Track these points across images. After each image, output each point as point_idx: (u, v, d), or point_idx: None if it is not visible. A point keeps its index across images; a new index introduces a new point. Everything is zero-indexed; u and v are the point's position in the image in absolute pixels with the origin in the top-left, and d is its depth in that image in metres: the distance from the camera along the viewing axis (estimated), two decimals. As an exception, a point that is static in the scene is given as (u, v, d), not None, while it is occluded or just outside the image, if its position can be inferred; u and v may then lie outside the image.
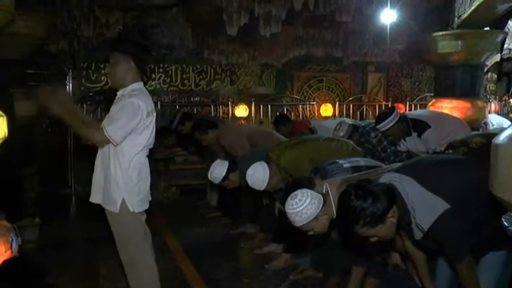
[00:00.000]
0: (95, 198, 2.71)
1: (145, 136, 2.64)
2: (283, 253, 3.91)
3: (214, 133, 4.86)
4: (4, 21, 3.85)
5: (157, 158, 6.24)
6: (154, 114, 2.71)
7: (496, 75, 8.53)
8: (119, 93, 2.68)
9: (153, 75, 7.72)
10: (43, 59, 6.76)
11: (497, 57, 6.24)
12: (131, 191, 2.58)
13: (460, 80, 5.80)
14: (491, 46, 5.75)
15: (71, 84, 7.12)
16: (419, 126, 4.16)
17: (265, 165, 3.59)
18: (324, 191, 2.52)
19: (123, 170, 2.58)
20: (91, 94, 7.45)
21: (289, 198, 2.50)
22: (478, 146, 2.98)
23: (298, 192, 2.50)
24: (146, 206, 2.71)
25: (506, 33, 5.89)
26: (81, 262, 4.01)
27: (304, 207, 2.41)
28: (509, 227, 1.68)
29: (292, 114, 7.99)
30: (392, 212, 2.05)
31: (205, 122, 5.06)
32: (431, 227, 2.06)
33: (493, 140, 1.74)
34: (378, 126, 4.24)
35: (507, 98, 8.66)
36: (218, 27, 7.06)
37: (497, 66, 7.89)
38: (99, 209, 2.73)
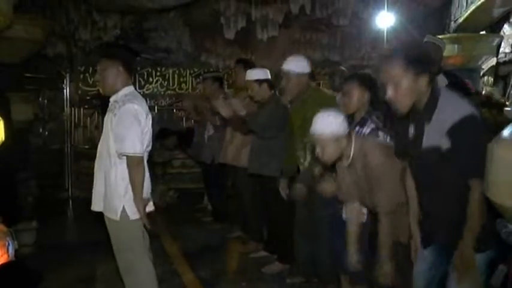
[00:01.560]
0: (96, 206, 2.70)
1: (144, 140, 2.63)
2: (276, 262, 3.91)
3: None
4: (2, 26, 3.87)
5: (156, 162, 6.24)
6: (150, 116, 2.71)
7: (492, 79, 8.56)
8: (111, 99, 2.67)
9: (151, 79, 7.73)
10: (41, 62, 6.77)
11: (493, 61, 6.25)
12: (131, 199, 2.58)
13: (457, 84, 5.81)
14: (487, 50, 5.77)
15: (68, 88, 7.11)
16: None
17: None
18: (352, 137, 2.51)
19: (123, 178, 2.57)
20: (88, 97, 7.45)
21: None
22: None
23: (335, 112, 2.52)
24: (148, 210, 2.71)
25: (502, 37, 5.91)
26: (78, 266, 4.00)
27: (334, 121, 2.42)
28: (503, 231, 1.69)
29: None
30: (426, 80, 2.00)
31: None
32: (458, 121, 1.89)
33: (488, 145, 1.75)
34: None
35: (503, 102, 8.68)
36: (215, 30, 7.09)
37: (494, 70, 7.91)
38: (95, 213, 2.72)
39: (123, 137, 2.52)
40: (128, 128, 2.52)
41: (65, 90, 7.12)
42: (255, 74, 3.98)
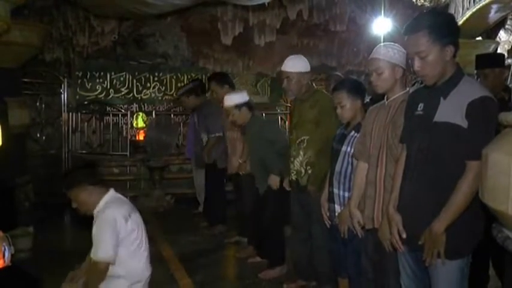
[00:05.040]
0: None
1: (134, 240, 2.63)
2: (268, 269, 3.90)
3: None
4: (0, 30, 3.87)
5: (153, 167, 6.24)
6: (136, 213, 2.70)
7: (488, 84, 8.59)
8: (94, 212, 2.67)
9: (148, 84, 7.75)
10: (38, 68, 6.77)
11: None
12: None
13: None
14: (483, 55, 5.80)
15: (65, 93, 7.11)
16: None
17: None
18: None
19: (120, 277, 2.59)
20: (86, 103, 7.46)
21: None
22: None
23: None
24: None
25: (498, 43, 5.96)
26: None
27: (393, 51, 2.47)
28: (498, 236, 1.70)
29: (287, 123, 8.01)
30: (452, 50, 1.95)
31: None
32: (477, 100, 1.84)
33: (482, 151, 1.76)
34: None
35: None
36: (213, 36, 7.11)
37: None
38: (93, 218, 2.72)
39: (97, 242, 2.55)
40: (103, 234, 2.54)
41: (62, 96, 7.12)
42: (232, 99, 4.03)
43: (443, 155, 1.93)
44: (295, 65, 3.39)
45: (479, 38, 6.03)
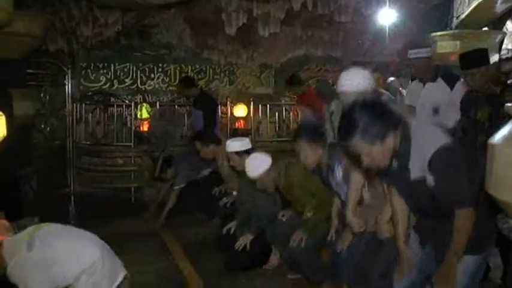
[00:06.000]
0: None
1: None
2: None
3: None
4: (3, 21, 3.87)
5: (157, 157, 6.24)
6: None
7: (494, 76, 8.54)
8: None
9: (152, 75, 7.73)
10: (42, 58, 6.77)
11: (495, 58, 6.24)
12: None
13: (459, 80, 5.79)
14: (489, 46, 5.74)
15: (70, 84, 7.11)
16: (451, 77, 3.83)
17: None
18: None
19: None
20: (90, 93, 7.46)
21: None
22: None
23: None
24: None
25: (505, 34, 5.89)
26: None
27: (358, 77, 2.61)
28: (504, 226, 1.69)
29: (291, 114, 8.00)
30: (394, 135, 1.94)
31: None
32: (433, 157, 1.90)
33: (489, 140, 1.75)
34: (409, 52, 4.02)
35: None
36: (217, 27, 7.08)
37: (496, 66, 7.90)
38: (97, 209, 2.73)
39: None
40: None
41: (66, 86, 7.11)
42: (234, 146, 4.05)
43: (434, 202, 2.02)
44: (258, 168, 3.48)
45: (486, 29, 5.97)
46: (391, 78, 6.26)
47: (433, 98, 3.82)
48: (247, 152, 3.97)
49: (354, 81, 2.64)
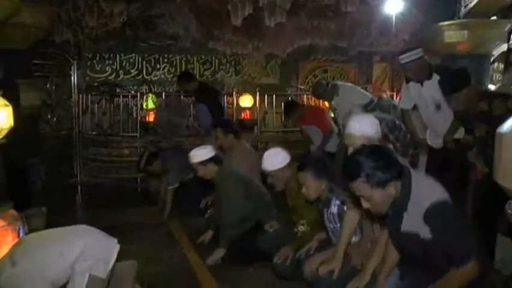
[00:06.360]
0: None
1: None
2: None
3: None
4: (9, 12, 3.87)
5: (163, 148, 6.26)
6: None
7: (502, 65, 8.47)
8: None
9: (158, 66, 7.74)
10: (48, 49, 6.78)
11: (504, 47, 6.18)
12: None
13: (466, 70, 5.75)
14: (498, 36, 5.69)
15: (75, 75, 7.13)
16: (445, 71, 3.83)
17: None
18: None
19: None
20: (96, 84, 7.48)
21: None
22: None
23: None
24: None
25: (514, 23, 5.83)
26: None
27: (367, 123, 2.66)
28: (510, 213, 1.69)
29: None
30: (395, 184, 2.00)
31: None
32: (428, 209, 1.94)
33: (497, 130, 1.74)
34: (401, 57, 4.02)
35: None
36: (223, 17, 7.04)
37: (504, 56, 7.83)
38: (104, 199, 2.74)
39: None
40: None
41: (72, 77, 7.13)
42: (197, 156, 3.97)
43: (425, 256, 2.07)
44: (276, 162, 3.44)
45: (494, 18, 5.90)
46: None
47: (433, 94, 3.86)
48: (213, 160, 3.94)
49: (363, 126, 2.65)
